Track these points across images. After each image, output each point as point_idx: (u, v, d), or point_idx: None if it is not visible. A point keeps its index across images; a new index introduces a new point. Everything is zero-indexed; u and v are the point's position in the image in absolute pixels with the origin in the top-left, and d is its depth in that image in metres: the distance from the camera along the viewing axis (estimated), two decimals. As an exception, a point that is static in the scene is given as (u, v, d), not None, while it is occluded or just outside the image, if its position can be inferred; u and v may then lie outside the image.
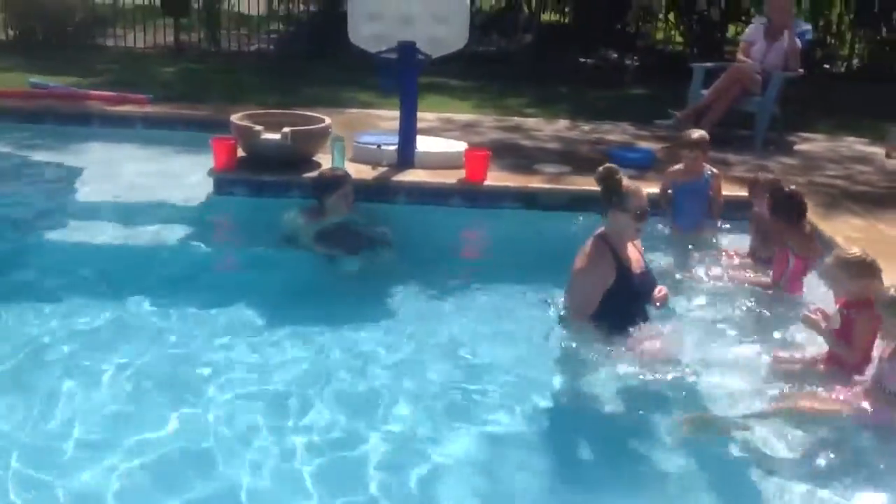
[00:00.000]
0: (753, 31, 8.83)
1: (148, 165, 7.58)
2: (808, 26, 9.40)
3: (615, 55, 12.96)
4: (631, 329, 4.44)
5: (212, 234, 6.40)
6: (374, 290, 5.41)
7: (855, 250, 4.42)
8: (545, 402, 4.33)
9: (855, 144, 8.68)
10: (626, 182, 4.53)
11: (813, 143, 8.66)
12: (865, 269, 4.29)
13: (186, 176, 7.13)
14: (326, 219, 5.87)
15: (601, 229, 4.60)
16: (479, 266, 6.32)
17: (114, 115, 8.65)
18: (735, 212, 6.27)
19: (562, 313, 4.68)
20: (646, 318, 4.55)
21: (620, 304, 4.46)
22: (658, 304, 4.60)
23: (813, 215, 5.76)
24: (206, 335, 4.75)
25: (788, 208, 5.15)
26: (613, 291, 4.44)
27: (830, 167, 7.81)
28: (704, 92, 8.65)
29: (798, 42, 8.68)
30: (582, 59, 12.74)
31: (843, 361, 4.35)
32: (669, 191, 6.36)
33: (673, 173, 6.40)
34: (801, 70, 8.66)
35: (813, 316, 4.41)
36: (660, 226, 6.29)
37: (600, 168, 4.58)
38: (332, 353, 4.65)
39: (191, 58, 12.26)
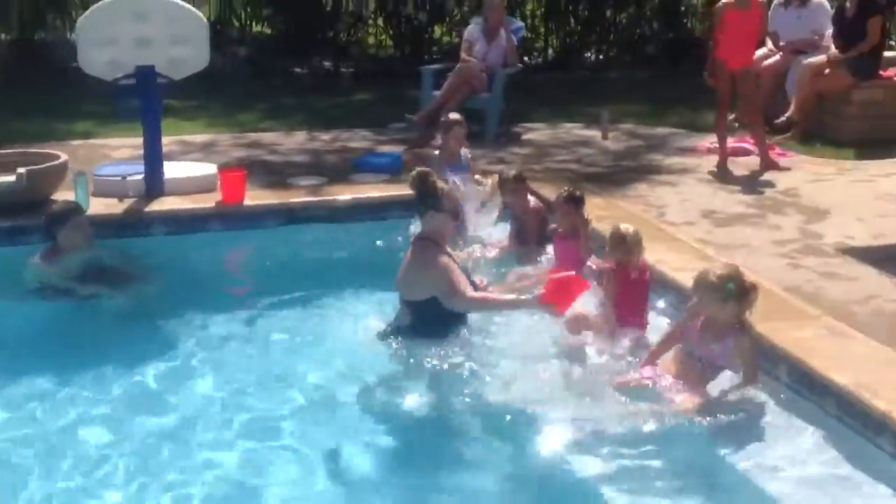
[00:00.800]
0: (473, 31, 9.28)
1: None
2: (521, 23, 10.04)
3: (329, 63, 13.15)
4: (458, 331, 4.55)
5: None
6: (145, 328, 5.16)
7: (624, 227, 4.87)
8: (358, 418, 4.30)
9: (573, 130, 9.37)
10: (439, 183, 4.66)
11: (537, 132, 9.24)
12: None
13: None
14: (66, 257, 5.54)
15: (420, 233, 4.69)
16: (252, 287, 6.19)
17: None
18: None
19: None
20: (465, 321, 4.65)
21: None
22: None
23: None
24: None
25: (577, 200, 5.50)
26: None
27: (559, 153, 8.39)
28: (436, 93, 8.98)
29: (514, 39, 9.25)
30: (297, 70, 12.82)
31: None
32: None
33: (435, 157, 6.63)
34: (519, 65, 9.23)
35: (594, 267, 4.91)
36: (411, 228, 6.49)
37: (413, 172, 4.69)
38: (109, 403, 4.38)
39: None
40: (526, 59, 13.45)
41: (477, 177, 6.60)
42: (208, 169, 7.19)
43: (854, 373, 4.09)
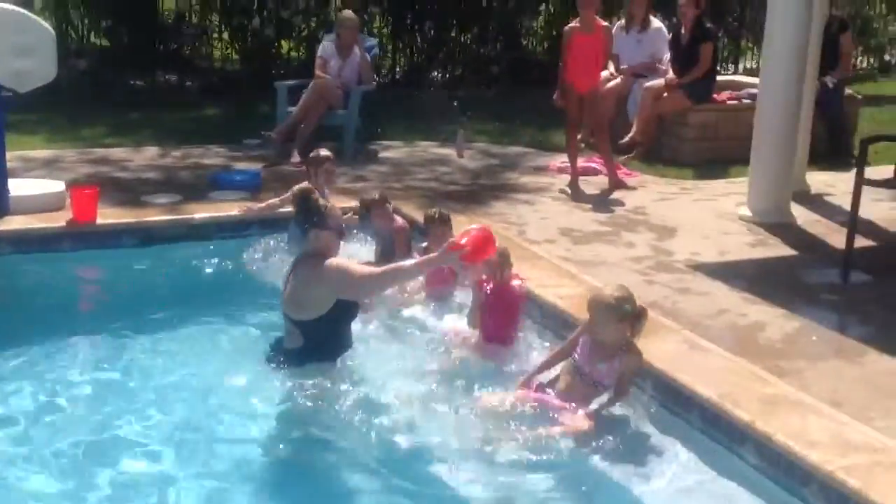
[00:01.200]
0: (327, 47, 9.26)
1: None
2: (374, 41, 10.07)
3: (174, 77, 12.83)
4: (347, 352, 4.54)
5: None
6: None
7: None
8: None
9: (430, 148, 9.48)
10: (322, 200, 4.62)
11: (394, 150, 9.31)
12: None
13: None
14: None
15: (304, 251, 4.58)
16: (111, 310, 5.93)
17: None
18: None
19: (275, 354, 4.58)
20: (351, 342, 4.64)
21: (339, 321, 4.51)
22: (368, 310, 4.79)
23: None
24: None
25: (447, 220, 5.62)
26: (334, 310, 4.43)
27: (418, 171, 8.48)
28: (291, 109, 8.91)
29: (368, 56, 9.30)
30: (137, 83, 12.45)
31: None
32: None
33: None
34: (374, 82, 9.28)
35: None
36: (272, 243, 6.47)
37: (296, 189, 4.68)
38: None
39: None
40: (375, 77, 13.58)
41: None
42: (56, 186, 6.90)
43: (716, 385, 4.33)
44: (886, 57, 16.00)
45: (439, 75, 14.03)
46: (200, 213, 6.79)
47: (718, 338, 4.87)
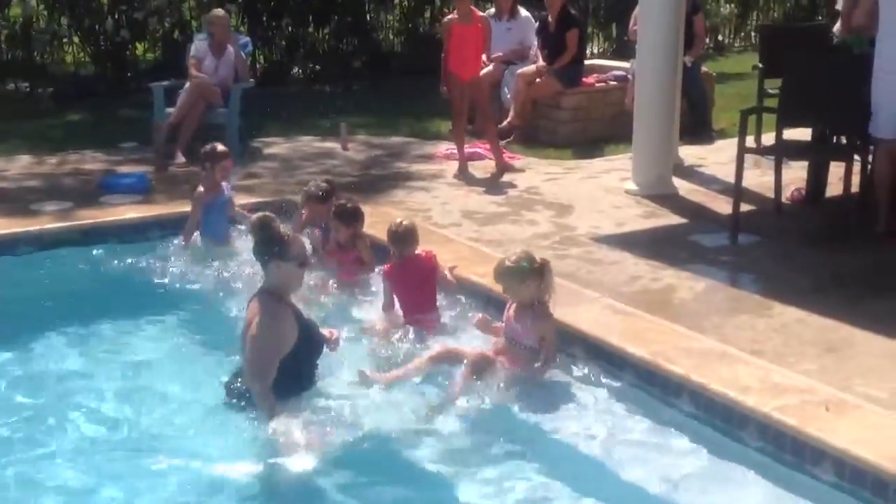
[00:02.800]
0: (199, 47, 9.10)
1: None
2: (247, 39, 9.96)
3: (25, 84, 12.32)
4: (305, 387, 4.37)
5: None
6: None
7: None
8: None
9: (312, 142, 9.47)
10: (283, 229, 4.49)
11: (277, 146, 9.26)
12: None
13: None
14: None
15: (263, 286, 4.37)
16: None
17: None
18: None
19: (235, 385, 4.32)
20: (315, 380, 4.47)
21: (302, 362, 4.31)
22: (333, 347, 4.55)
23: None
24: None
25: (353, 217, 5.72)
26: (296, 350, 4.22)
27: (307, 165, 8.49)
28: (170, 110, 8.74)
29: (242, 54, 9.23)
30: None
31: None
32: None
33: (199, 195, 6.41)
34: (251, 80, 9.22)
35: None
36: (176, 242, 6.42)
37: (254, 218, 4.43)
38: None
39: None
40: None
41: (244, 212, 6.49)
42: (-61, 199, 6.60)
43: (646, 344, 4.61)
44: (720, 37, 16.96)
45: (300, 71, 13.98)
46: (93, 218, 6.65)
47: (637, 302, 5.17)
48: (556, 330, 4.69)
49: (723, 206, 6.88)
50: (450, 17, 8.31)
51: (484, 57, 9.54)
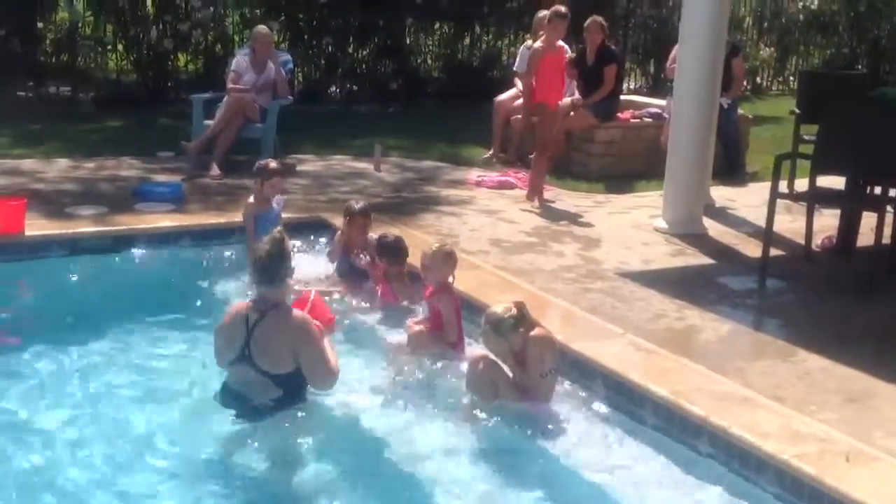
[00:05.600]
0: (240, 61, 9.23)
1: None
2: (288, 56, 10.07)
3: (67, 89, 12.52)
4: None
5: None
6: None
7: (436, 245, 5.22)
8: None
9: (345, 161, 9.56)
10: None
11: (311, 164, 9.35)
12: (448, 258, 5.18)
13: None
14: None
15: (275, 301, 4.32)
16: (38, 321, 5.85)
17: None
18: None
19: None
20: None
21: None
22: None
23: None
24: None
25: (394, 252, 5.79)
26: None
27: (339, 184, 8.55)
28: (208, 122, 8.86)
29: (283, 71, 9.34)
30: (21, 94, 12.08)
31: (449, 343, 5.08)
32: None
33: (248, 207, 6.45)
34: (290, 97, 9.33)
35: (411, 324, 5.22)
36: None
37: (269, 238, 4.36)
38: None
39: None
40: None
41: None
42: (-23, 197, 6.71)
43: (668, 383, 4.60)
44: (758, 80, 16.97)
45: (337, 91, 14.12)
46: (127, 224, 6.74)
47: (661, 340, 5.16)
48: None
49: (752, 249, 6.87)
50: (538, 45, 8.36)
51: (519, 85, 9.72)
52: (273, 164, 6.52)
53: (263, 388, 4.26)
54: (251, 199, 6.43)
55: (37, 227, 6.50)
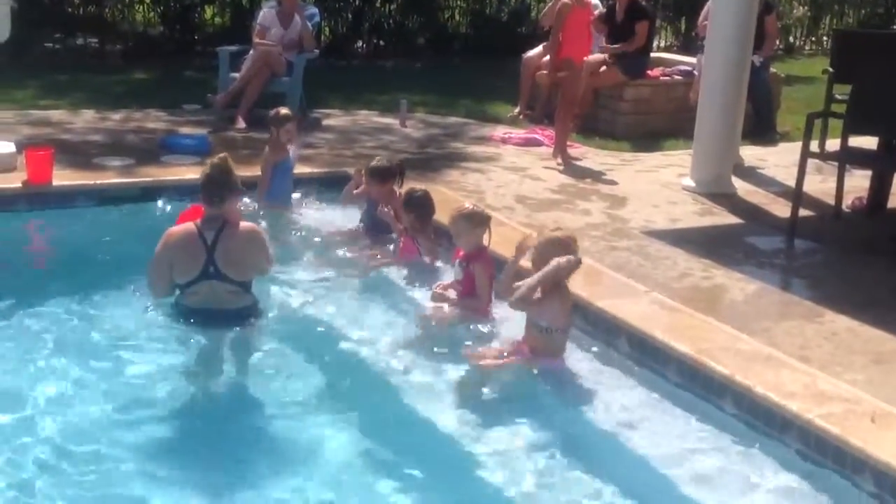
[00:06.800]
0: (267, 15, 9.19)
1: None
2: (315, 9, 10.00)
3: (94, 40, 12.53)
4: None
5: None
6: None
7: (468, 205, 5.16)
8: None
9: (371, 117, 9.53)
10: None
11: (336, 119, 9.33)
12: (480, 219, 5.05)
13: None
14: None
15: (228, 216, 4.73)
16: (64, 271, 5.87)
17: None
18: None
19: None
20: None
21: None
22: None
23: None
24: None
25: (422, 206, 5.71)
26: None
27: (364, 139, 8.54)
28: (234, 75, 8.83)
29: (309, 25, 9.28)
30: (49, 45, 12.10)
31: (477, 309, 5.05)
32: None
33: (266, 156, 6.46)
34: (316, 50, 9.29)
35: (438, 290, 5.16)
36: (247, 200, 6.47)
37: (215, 160, 4.75)
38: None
39: None
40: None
41: None
42: (6, 147, 6.73)
43: (692, 341, 4.58)
44: (791, 39, 16.70)
45: (363, 46, 14.04)
46: (154, 175, 6.76)
47: (686, 299, 5.12)
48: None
49: (781, 209, 6.79)
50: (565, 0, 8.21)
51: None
52: (285, 110, 6.55)
53: (235, 297, 4.69)
54: (267, 148, 6.45)
55: (64, 177, 6.53)
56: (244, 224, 4.81)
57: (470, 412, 4.22)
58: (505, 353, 4.60)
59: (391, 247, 5.87)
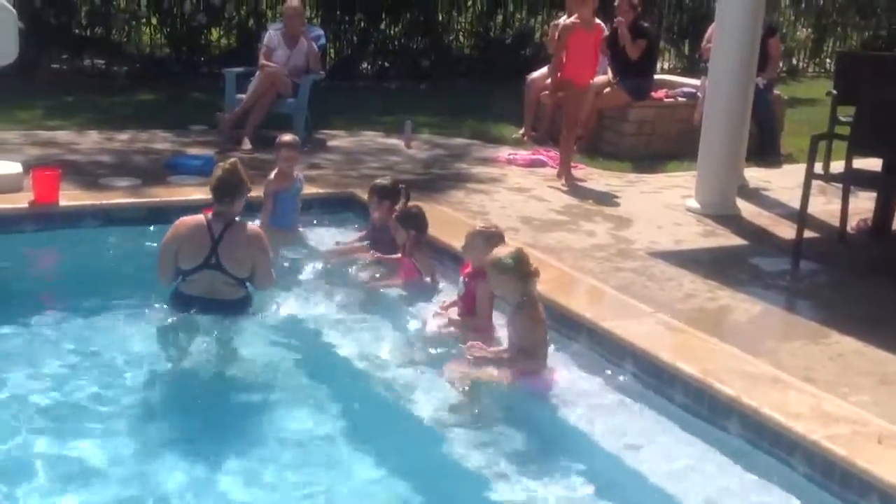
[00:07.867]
0: (272, 36, 9.24)
1: None
2: (321, 31, 10.06)
3: (101, 61, 12.61)
4: None
5: None
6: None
7: (491, 227, 5.19)
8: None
9: (376, 137, 9.57)
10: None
11: (341, 140, 9.36)
12: (497, 241, 5.02)
13: None
14: None
15: (232, 217, 5.07)
16: (71, 290, 5.89)
17: None
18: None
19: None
20: None
21: None
22: None
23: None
24: None
25: (420, 221, 5.74)
26: None
27: (369, 160, 8.56)
28: (240, 96, 8.88)
29: (315, 46, 9.33)
30: (55, 66, 12.17)
31: (477, 328, 5.05)
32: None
33: (268, 183, 6.45)
34: (322, 72, 9.33)
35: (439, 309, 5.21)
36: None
37: (225, 165, 5.11)
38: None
39: None
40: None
41: None
42: (13, 167, 6.76)
43: (698, 362, 4.57)
44: (794, 60, 16.77)
45: (369, 67, 14.11)
46: (161, 196, 6.78)
47: (691, 320, 5.12)
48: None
49: (785, 230, 6.80)
50: (570, 21, 8.18)
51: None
52: (286, 137, 6.54)
53: (231, 289, 5.02)
54: (272, 175, 6.45)
55: (71, 197, 6.55)
56: (251, 226, 5.19)
57: (461, 428, 4.26)
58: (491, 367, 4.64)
59: (392, 268, 5.88)
